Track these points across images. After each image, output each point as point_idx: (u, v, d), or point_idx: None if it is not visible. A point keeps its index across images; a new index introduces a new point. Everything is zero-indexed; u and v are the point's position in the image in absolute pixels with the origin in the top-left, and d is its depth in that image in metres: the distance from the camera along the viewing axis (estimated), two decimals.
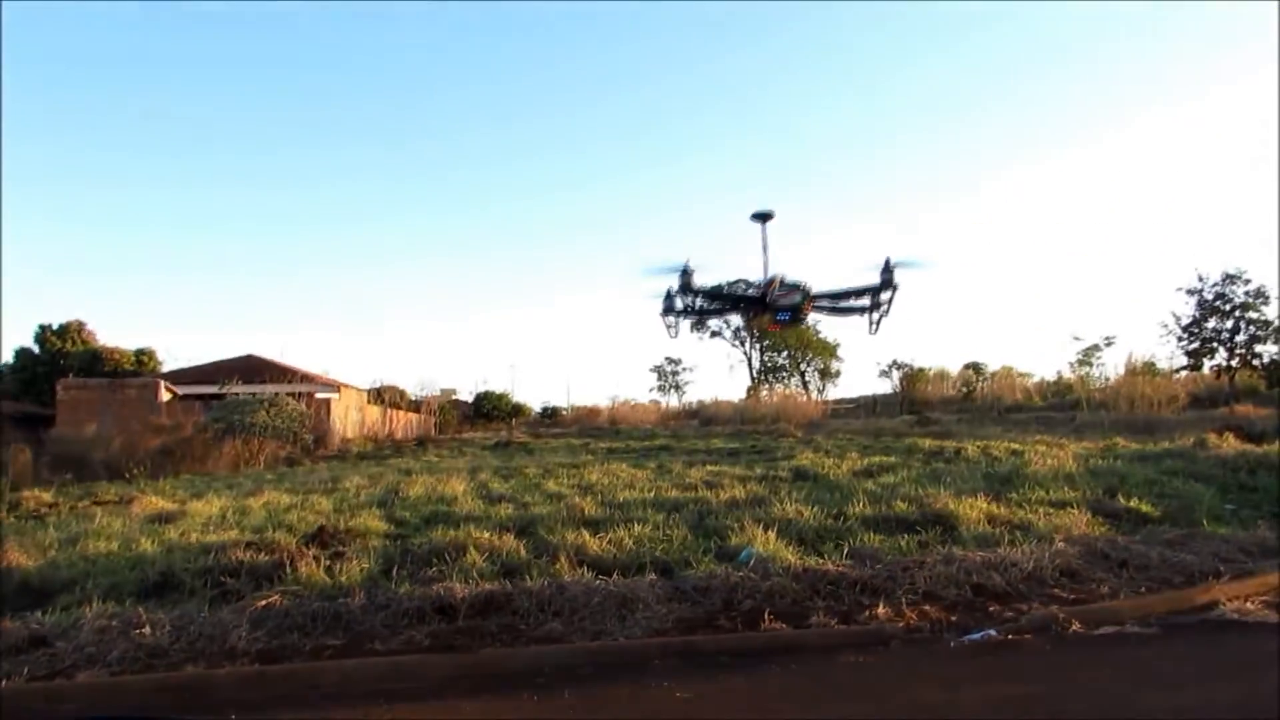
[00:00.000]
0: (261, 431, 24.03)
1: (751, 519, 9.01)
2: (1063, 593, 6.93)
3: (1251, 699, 4.87)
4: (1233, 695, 4.95)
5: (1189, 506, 10.03)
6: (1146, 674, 5.33)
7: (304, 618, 6.62)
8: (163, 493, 14.66)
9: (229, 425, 23.98)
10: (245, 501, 12.67)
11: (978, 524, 8.82)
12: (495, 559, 7.98)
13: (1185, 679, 5.26)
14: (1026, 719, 4.58)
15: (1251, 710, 4.65)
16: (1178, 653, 5.76)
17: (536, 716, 4.92)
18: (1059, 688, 5.10)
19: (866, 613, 6.45)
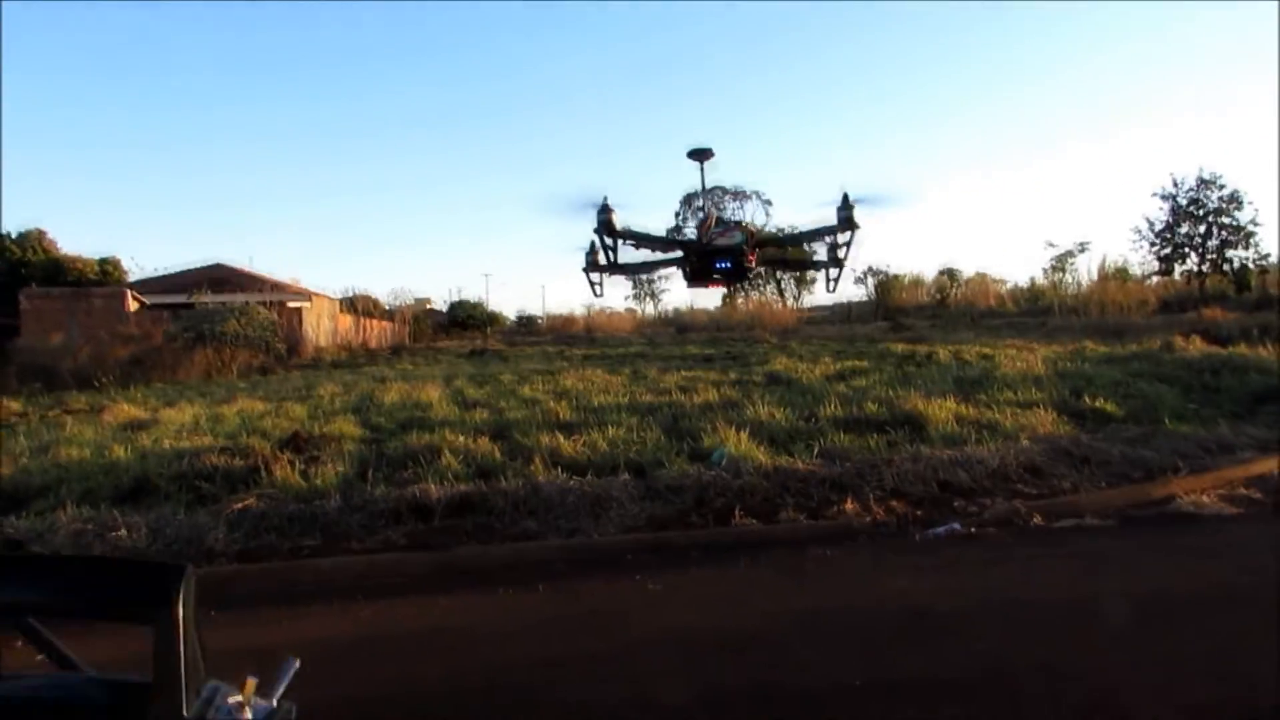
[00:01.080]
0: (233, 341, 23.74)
1: (724, 421, 9.09)
2: (1026, 488, 7.10)
3: (1201, 582, 5.06)
4: (1183, 580, 5.14)
5: (1152, 406, 10.22)
6: (1101, 562, 5.52)
7: (280, 520, 6.68)
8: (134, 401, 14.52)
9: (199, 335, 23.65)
10: (218, 409, 12.60)
11: (946, 424, 8.96)
12: (470, 461, 8.03)
13: (1139, 566, 5.45)
14: (986, 604, 4.73)
15: (1201, 592, 4.84)
16: (1133, 543, 5.95)
17: (512, 609, 5.03)
18: (1018, 576, 5.27)
19: (835, 509, 6.60)
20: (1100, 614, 4.52)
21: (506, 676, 3.97)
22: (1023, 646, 4.06)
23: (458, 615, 4.96)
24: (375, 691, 3.89)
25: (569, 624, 4.74)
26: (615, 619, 4.78)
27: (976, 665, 3.88)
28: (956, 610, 4.60)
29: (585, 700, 3.64)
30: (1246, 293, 26.02)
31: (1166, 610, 4.56)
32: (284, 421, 11.06)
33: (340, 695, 3.87)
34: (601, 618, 4.81)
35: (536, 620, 4.83)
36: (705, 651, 4.17)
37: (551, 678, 3.91)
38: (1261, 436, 8.86)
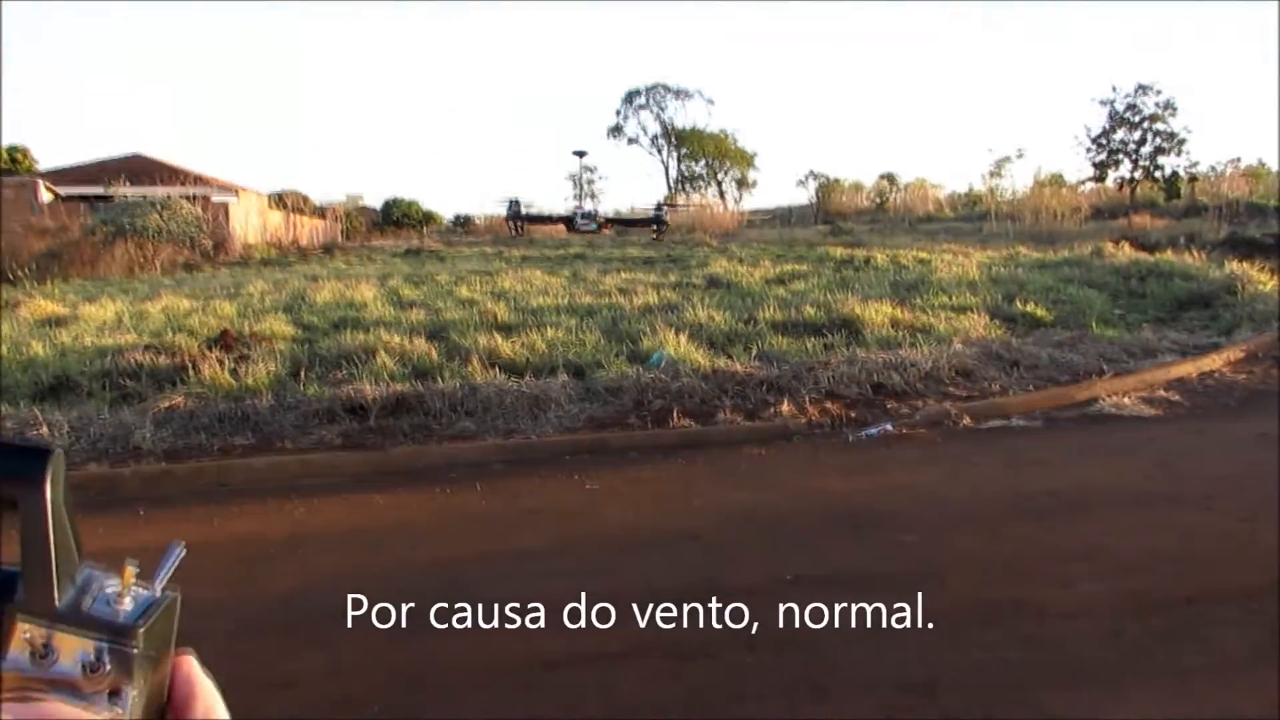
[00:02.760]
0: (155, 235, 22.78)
1: (664, 324, 9.07)
2: (957, 390, 7.26)
3: (1116, 478, 5.28)
4: (1100, 475, 5.36)
5: (1081, 311, 10.50)
6: (1025, 460, 5.70)
7: (210, 419, 6.54)
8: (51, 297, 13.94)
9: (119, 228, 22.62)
10: (142, 306, 12.15)
11: (882, 328, 9.07)
12: (406, 362, 7.91)
13: (1060, 463, 5.65)
14: (914, 501, 4.87)
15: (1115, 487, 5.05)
16: (1055, 442, 6.16)
17: (448, 508, 5.03)
18: (945, 474, 5.42)
19: (771, 410, 6.68)
20: (1021, 508, 4.68)
21: (442, 571, 3.97)
22: (947, 539, 4.20)
23: (393, 514, 4.94)
24: (309, 586, 3.87)
25: (506, 523, 4.75)
26: (552, 518, 4.80)
27: (904, 557, 4.00)
28: (886, 507, 4.73)
29: (520, 596, 3.66)
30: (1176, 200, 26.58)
31: (1082, 504, 4.74)
32: (212, 320, 10.73)
33: (273, 591, 3.85)
34: (539, 516, 4.84)
35: (473, 519, 4.84)
36: (641, 548, 4.23)
37: (488, 574, 3.93)
38: (1183, 340, 9.18)
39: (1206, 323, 10.37)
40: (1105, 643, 3.17)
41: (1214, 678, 2.94)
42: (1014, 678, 2.92)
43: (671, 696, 2.86)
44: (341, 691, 2.95)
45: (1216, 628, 3.29)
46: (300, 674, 3.07)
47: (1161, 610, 3.44)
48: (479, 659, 3.13)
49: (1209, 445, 6.07)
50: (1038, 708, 2.73)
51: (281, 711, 2.85)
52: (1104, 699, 2.78)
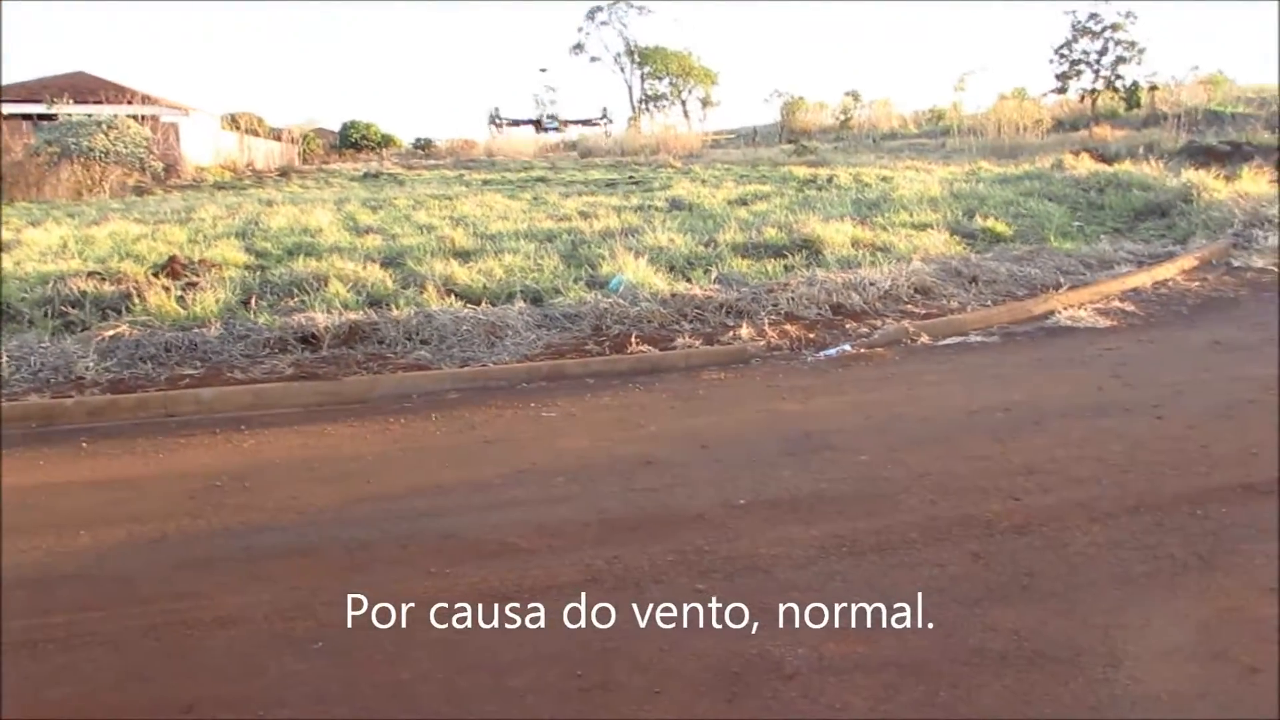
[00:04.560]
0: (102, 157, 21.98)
1: (624, 248, 8.95)
2: (916, 308, 7.28)
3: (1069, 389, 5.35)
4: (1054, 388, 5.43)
5: (1040, 225, 10.53)
6: (983, 376, 5.75)
7: (157, 348, 6.40)
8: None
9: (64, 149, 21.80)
10: (88, 231, 11.77)
11: (842, 247, 9.03)
12: (361, 289, 7.76)
13: (1015, 378, 5.70)
14: (869, 421, 4.88)
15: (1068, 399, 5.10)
16: (1011, 357, 6.21)
17: (402, 439, 4.97)
18: (901, 393, 5.44)
19: (730, 334, 6.64)
20: (975, 425, 4.72)
21: (394, 504, 3.94)
22: (901, 458, 4.22)
23: (346, 445, 4.88)
24: (259, 520, 3.82)
25: (461, 453, 4.71)
26: (508, 446, 4.77)
27: (856, 477, 4.02)
28: (842, 428, 4.74)
29: (475, 527, 3.64)
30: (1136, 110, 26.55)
31: (1035, 418, 4.79)
32: (161, 245, 10.43)
33: (223, 525, 3.80)
34: (494, 445, 4.80)
35: (428, 449, 4.79)
36: (597, 475, 4.21)
37: (441, 506, 3.90)
38: (1139, 251, 9.25)
39: (1163, 232, 10.46)
40: (1053, 555, 3.21)
41: (1160, 583, 2.99)
42: (962, 593, 2.96)
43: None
44: (285, 627, 2.92)
45: (1162, 534, 3.34)
46: (245, 610, 3.04)
47: (1108, 520, 3.48)
48: (415, 592, 3.11)
49: (1161, 354, 6.15)
50: (987, 623, 2.76)
51: (228, 646, 2.82)
52: (1051, 612, 2.82)
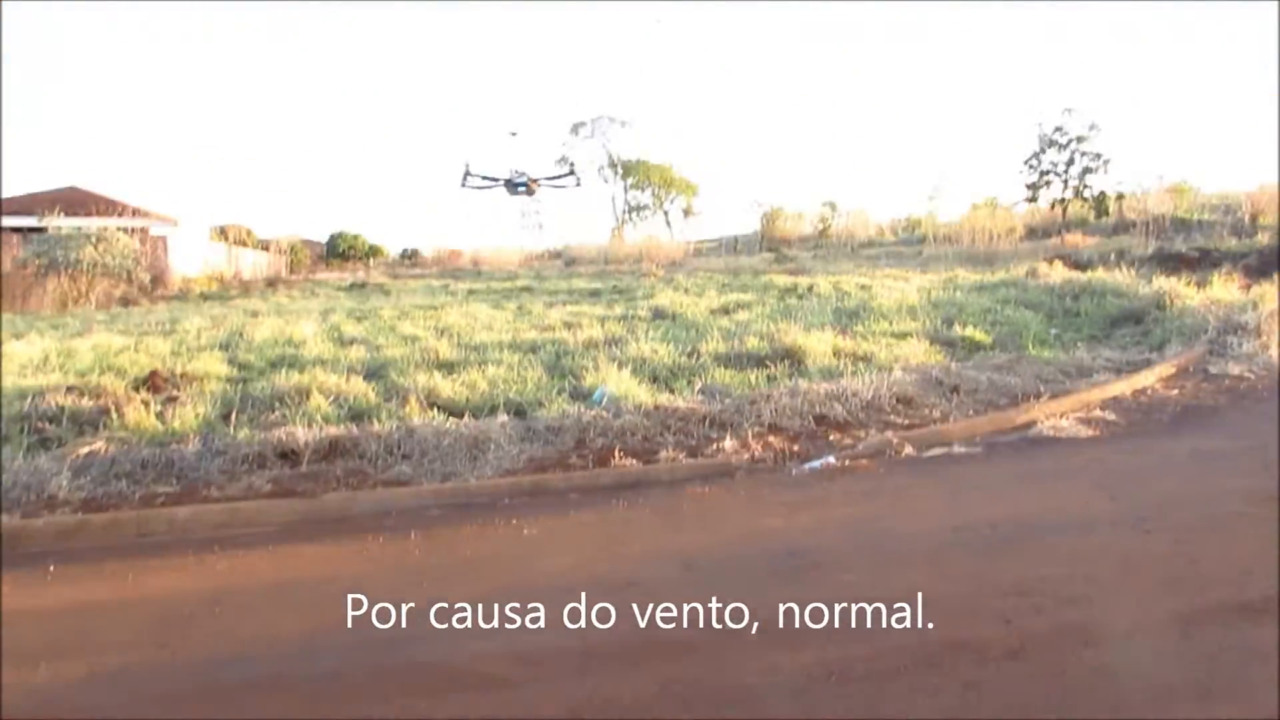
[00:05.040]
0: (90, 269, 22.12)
1: (607, 358, 8.99)
2: (899, 419, 7.28)
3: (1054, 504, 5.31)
4: (1040, 501, 5.41)
5: (1018, 332, 10.68)
6: (967, 489, 5.72)
7: (132, 465, 6.28)
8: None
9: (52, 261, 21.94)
10: (71, 344, 11.74)
11: (824, 357, 9.10)
12: (342, 403, 7.72)
13: (1001, 490, 5.68)
14: (855, 537, 4.83)
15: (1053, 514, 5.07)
16: (996, 469, 6.19)
17: (381, 558, 4.86)
18: (887, 507, 5.40)
19: (714, 446, 6.61)
20: (963, 541, 4.66)
21: (367, 631, 3.81)
22: (889, 578, 4.14)
23: (323, 567, 4.76)
24: (227, 650, 3.69)
25: (440, 573, 4.59)
26: (489, 566, 4.67)
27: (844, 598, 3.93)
28: (828, 544, 4.68)
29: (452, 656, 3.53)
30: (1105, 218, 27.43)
31: (1022, 533, 4.75)
32: (143, 358, 10.40)
33: (189, 656, 3.66)
34: (475, 565, 4.69)
35: (406, 570, 4.67)
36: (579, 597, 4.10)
37: (416, 633, 3.77)
38: (1116, 358, 9.35)
39: (1138, 339, 10.60)
40: (1047, 685, 3.13)
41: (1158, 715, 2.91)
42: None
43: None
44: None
45: (1158, 661, 3.27)
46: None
47: (1102, 645, 3.41)
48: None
49: (1145, 465, 6.15)
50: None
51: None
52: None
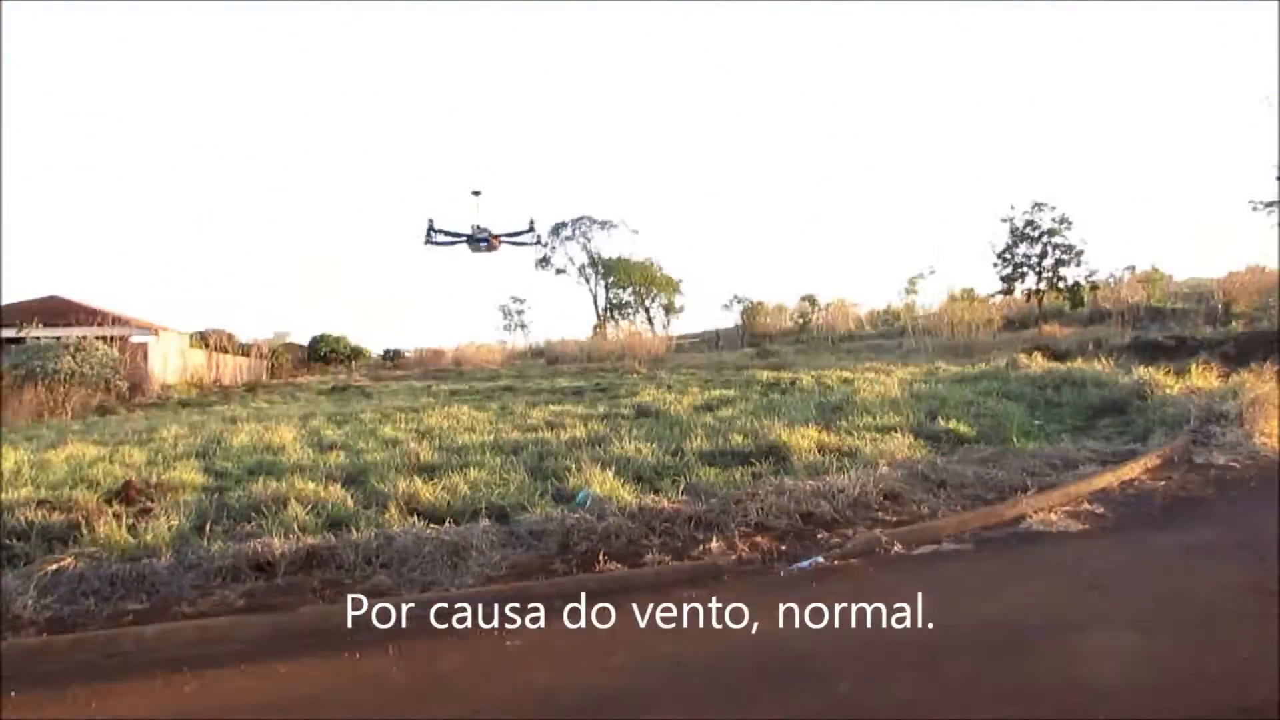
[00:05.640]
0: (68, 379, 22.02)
1: (591, 459, 8.90)
2: (886, 516, 7.20)
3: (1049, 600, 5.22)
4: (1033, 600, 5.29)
5: (1002, 424, 10.67)
6: (959, 588, 5.60)
7: (101, 581, 6.09)
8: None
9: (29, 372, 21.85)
10: (45, 455, 11.54)
11: (809, 453, 9.05)
12: (320, 511, 7.55)
13: (993, 590, 5.56)
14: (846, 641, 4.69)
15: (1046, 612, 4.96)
16: (987, 566, 6.09)
17: (357, 676, 4.68)
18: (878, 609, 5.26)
19: (701, 548, 6.49)
20: (958, 644, 4.55)
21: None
22: (882, 686, 4.02)
23: (296, 686, 4.57)
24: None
25: (419, 691, 4.42)
26: (469, 682, 4.50)
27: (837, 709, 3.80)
28: (818, 650, 4.55)
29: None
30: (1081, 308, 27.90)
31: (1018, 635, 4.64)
32: (118, 469, 10.20)
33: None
34: (455, 682, 4.52)
35: (383, 688, 4.49)
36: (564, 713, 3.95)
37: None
38: (1101, 449, 9.35)
39: (1122, 429, 10.64)
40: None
41: None
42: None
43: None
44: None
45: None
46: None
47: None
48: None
49: (1137, 560, 6.07)
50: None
51: None
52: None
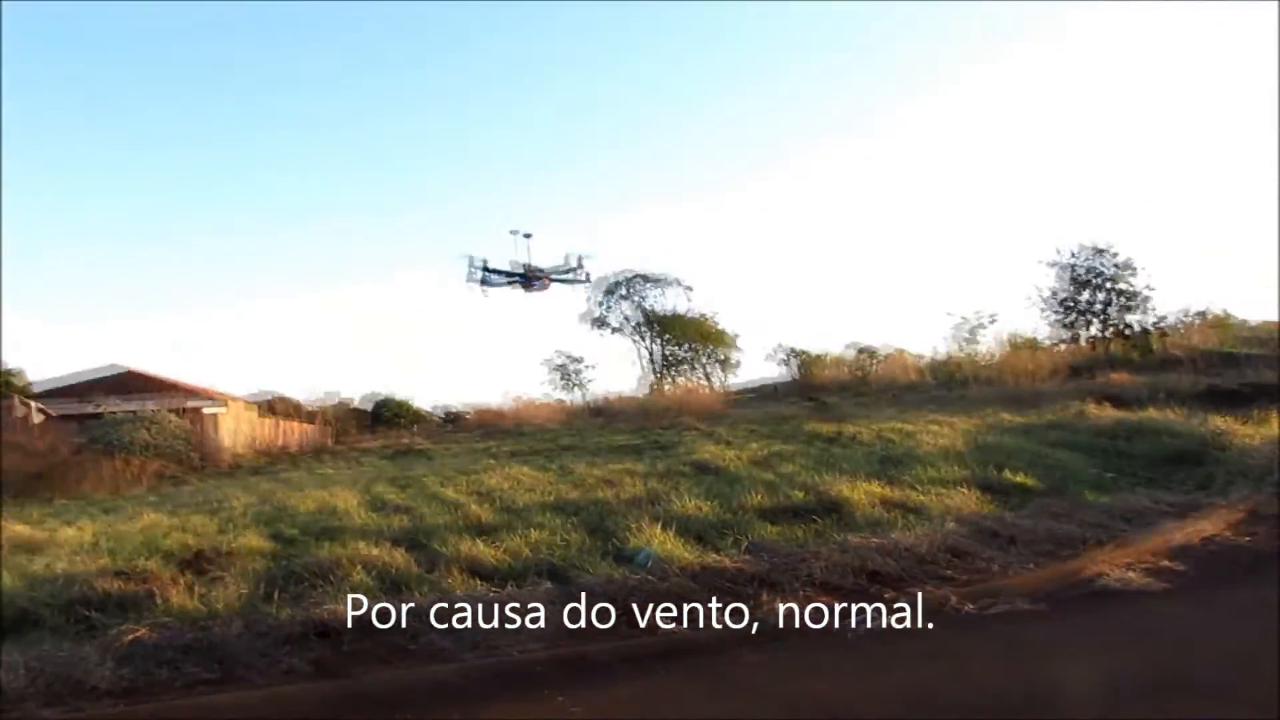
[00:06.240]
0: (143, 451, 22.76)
1: (650, 517, 8.86)
2: (954, 574, 7.02)
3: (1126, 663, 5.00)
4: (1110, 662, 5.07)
5: (1071, 477, 10.38)
6: (1034, 652, 5.41)
7: (174, 651, 6.21)
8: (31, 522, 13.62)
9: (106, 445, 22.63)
10: (121, 526, 11.88)
11: (870, 508, 8.89)
12: (383, 575, 7.63)
13: (1067, 652, 5.36)
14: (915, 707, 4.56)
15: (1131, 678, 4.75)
16: (1061, 626, 5.88)
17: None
18: (948, 672, 5.12)
19: (763, 608, 6.39)
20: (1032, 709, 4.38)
21: None
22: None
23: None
24: None
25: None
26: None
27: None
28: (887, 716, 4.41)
29: None
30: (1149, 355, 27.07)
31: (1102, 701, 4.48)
32: (189, 537, 10.46)
33: None
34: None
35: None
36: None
37: None
38: (1178, 502, 9.03)
39: (1200, 481, 10.25)
40: None
41: None
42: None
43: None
44: None
45: None
46: None
47: None
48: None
49: (1219, 621, 5.81)
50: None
51: None
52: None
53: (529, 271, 33.55)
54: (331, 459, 25.59)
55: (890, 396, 28.06)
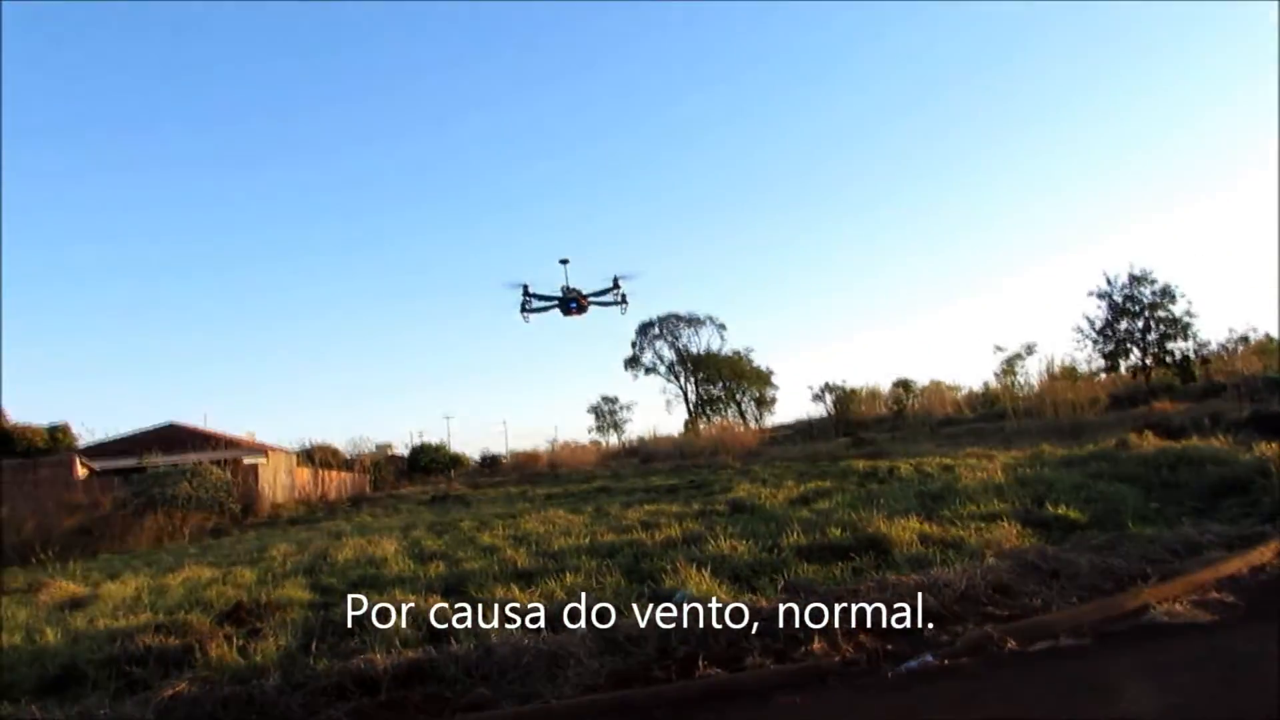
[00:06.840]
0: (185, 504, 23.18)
1: (686, 559, 8.82)
2: (997, 610, 6.87)
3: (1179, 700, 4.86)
4: (1164, 700, 4.93)
5: (1115, 509, 10.18)
6: (1082, 689, 5.28)
7: (214, 705, 6.23)
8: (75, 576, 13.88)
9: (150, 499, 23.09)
10: (163, 579, 12.10)
11: (910, 545, 8.79)
12: (422, 623, 7.66)
13: (1118, 689, 5.22)
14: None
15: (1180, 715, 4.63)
16: (1112, 664, 5.73)
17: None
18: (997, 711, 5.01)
19: (803, 649, 6.30)
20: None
21: None
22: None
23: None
24: None
25: None
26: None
27: None
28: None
29: None
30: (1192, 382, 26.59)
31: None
32: (230, 589, 10.62)
33: None
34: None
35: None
36: None
37: None
38: (1227, 533, 8.77)
39: (1248, 510, 9.98)
40: None
41: None
42: None
43: None
44: None
45: None
46: None
47: None
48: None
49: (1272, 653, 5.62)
50: None
51: None
52: None
53: (567, 294, 33.92)
54: (370, 506, 25.88)
55: (929, 430, 27.81)
